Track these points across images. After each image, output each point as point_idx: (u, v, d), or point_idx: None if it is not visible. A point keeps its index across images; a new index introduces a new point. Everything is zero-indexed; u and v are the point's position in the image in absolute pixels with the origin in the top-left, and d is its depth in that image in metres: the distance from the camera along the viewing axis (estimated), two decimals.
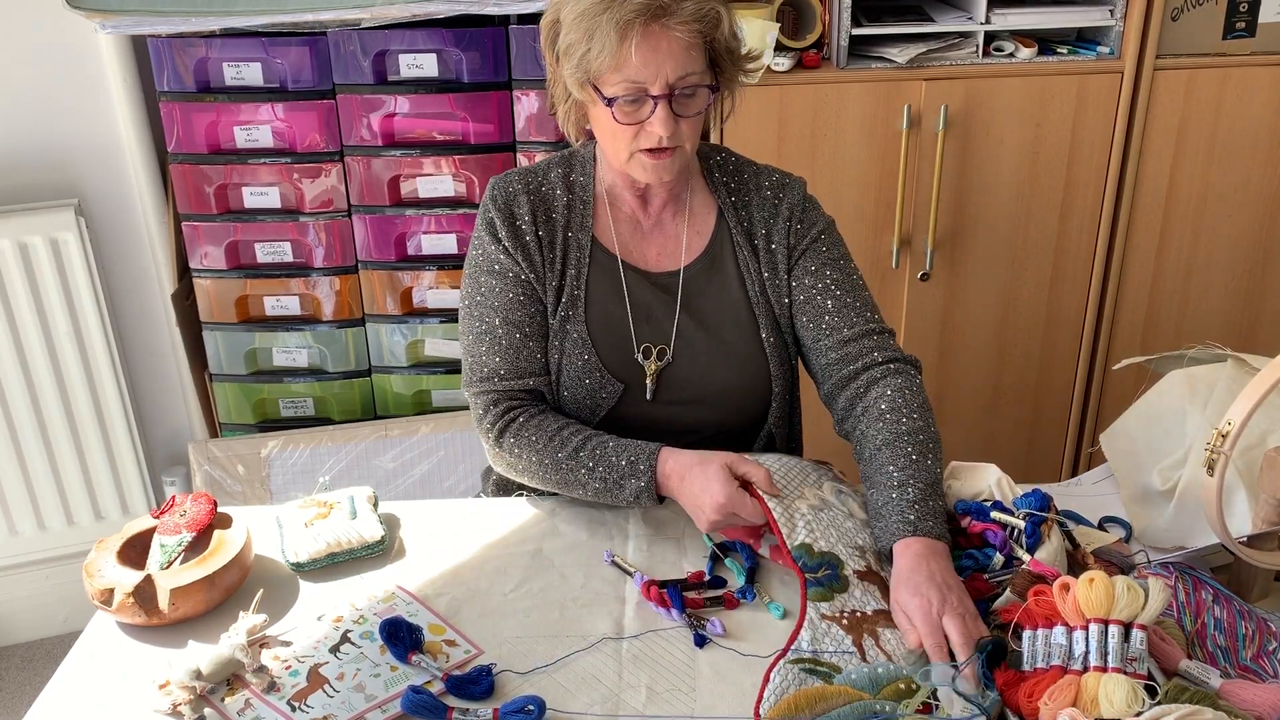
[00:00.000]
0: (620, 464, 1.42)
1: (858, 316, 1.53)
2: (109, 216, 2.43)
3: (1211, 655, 1.22)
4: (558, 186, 1.55)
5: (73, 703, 1.22)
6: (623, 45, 1.34)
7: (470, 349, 1.53)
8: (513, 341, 1.51)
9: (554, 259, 1.52)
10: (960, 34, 2.25)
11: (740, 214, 1.57)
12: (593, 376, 1.52)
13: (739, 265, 1.56)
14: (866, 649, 1.21)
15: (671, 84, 1.37)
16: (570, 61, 1.40)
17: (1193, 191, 2.37)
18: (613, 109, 1.39)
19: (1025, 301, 2.44)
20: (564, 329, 1.52)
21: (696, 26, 1.36)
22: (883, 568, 1.32)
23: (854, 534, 1.35)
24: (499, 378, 1.51)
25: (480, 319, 1.52)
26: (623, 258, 1.55)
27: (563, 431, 1.47)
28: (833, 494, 1.41)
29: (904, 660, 1.20)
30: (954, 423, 2.54)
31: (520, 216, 1.52)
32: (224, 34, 2.20)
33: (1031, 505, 1.34)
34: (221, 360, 2.44)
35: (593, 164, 1.57)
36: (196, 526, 1.39)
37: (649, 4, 1.34)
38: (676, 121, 1.40)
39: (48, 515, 2.48)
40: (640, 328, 1.54)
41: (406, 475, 2.44)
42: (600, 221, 1.55)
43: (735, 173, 1.59)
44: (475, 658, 1.27)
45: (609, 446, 1.44)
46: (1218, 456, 1.20)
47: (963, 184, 2.32)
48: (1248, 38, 2.27)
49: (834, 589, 1.28)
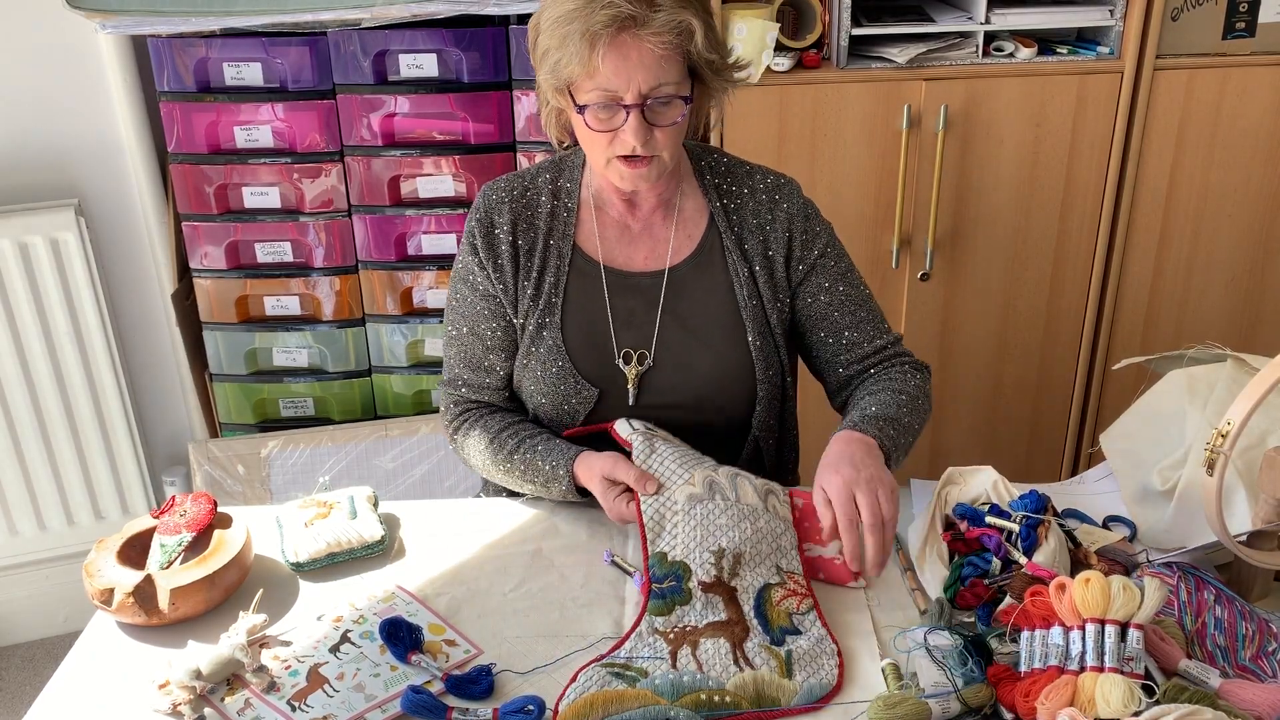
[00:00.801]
0: (545, 469, 1.48)
1: (873, 329, 1.58)
2: (109, 216, 2.43)
3: (1210, 655, 1.22)
4: (543, 193, 1.56)
5: (73, 703, 1.22)
6: (592, 54, 1.35)
7: (445, 350, 1.62)
8: (474, 352, 1.57)
9: (531, 268, 1.53)
10: (960, 34, 2.25)
11: (732, 217, 1.56)
12: (567, 383, 1.52)
13: (728, 269, 1.55)
14: (680, 656, 1.22)
15: (644, 93, 1.37)
16: (545, 66, 1.41)
17: (1193, 191, 2.37)
18: (584, 115, 1.40)
19: (1025, 301, 2.44)
20: (539, 335, 1.53)
21: (668, 38, 1.35)
22: (741, 568, 1.31)
23: (724, 531, 1.33)
24: (460, 382, 1.60)
25: (453, 324, 1.59)
26: (606, 263, 1.54)
27: (502, 434, 1.54)
28: (727, 476, 1.39)
29: (714, 671, 1.20)
30: (954, 423, 2.54)
31: (499, 225, 1.53)
32: (224, 34, 2.20)
33: (1028, 507, 1.34)
34: (221, 360, 2.45)
35: (580, 169, 1.57)
36: (196, 526, 1.40)
37: (616, 15, 1.33)
38: (651, 130, 1.40)
39: (48, 515, 2.48)
40: (621, 333, 1.54)
41: (406, 475, 2.44)
42: (584, 227, 1.55)
43: (727, 174, 1.59)
44: (475, 658, 1.27)
45: (538, 450, 1.50)
46: (1217, 456, 1.20)
47: (963, 184, 2.32)
48: (1248, 38, 2.27)
49: (675, 601, 1.28)
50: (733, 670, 1.21)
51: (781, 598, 1.30)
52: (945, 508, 1.42)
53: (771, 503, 1.39)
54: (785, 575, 1.33)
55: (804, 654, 1.23)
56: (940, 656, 1.17)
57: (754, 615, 1.27)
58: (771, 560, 1.33)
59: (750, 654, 1.23)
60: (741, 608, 1.28)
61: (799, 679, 1.20)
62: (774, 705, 1.18)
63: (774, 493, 1.41)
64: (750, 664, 1.21)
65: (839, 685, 1.21)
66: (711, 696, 1.17)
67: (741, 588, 1.30)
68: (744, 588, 1.30)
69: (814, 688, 1.19)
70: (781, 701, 1.18)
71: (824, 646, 1.25)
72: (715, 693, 1.18)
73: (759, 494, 1.38)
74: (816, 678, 1.21)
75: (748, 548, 1.33)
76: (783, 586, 1.31)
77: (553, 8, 1.39)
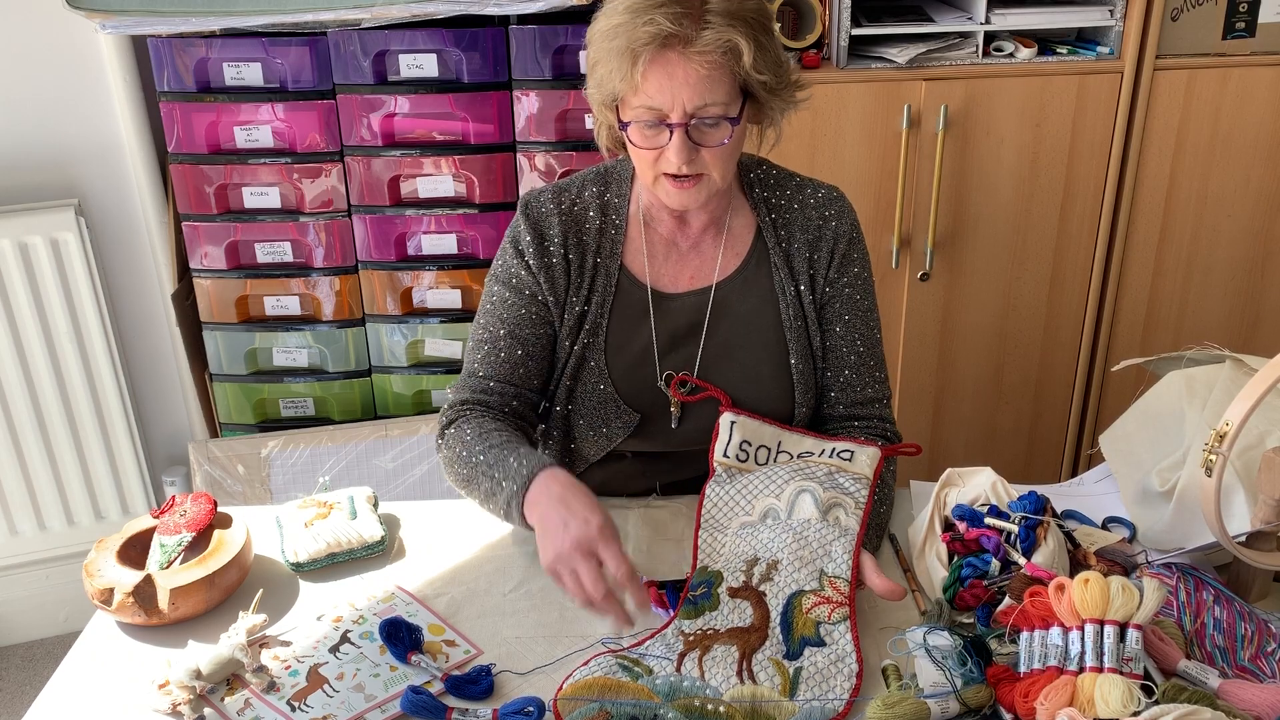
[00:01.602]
0: (494, 475, 1.35)
1: (870, 377, 1.55)
2: (109, 216, 2.43)
3: (1210, 655, 1.22)
4: (590, 207, 1.51)
5: (73, 703, 1.22)
6: (634, 70, 1.32)
7: (471, 353, 1.53)
8: (512, 355, 1.49)
9: (581, 284, 1.50)
10: (960, 34, 2.25)
11: (780, 233, 1.52)
12: (608, 407, 1.50)
13: (774, 286, 1.52)
14: (687, 660, 1.22)
15: (689, 112, 1.33)
16: (594, 79, 1.39)
17: (1193, 191, 2.37)
18: (627, 131, 1.38)
19: (1025, 301, 2.44)
20: (584, 357, 1.50)
21: (714, 57, 1.32)
22: (775, 573, 1.30)
23: (763, 543, 1.33)
24: (479, 386, 1.49)
25: (485, 327, 1.51)
26: (653, 285, 1.51)
27: (483, 436, 1.41)
28: (789, 497, 1.37)
29: (715, 680, 1.20)
30: (954, 423, 2.54)
31: (550, 239, 1.49)
32: (224, 34, 2.20)
33: (1027, 508, 1.34)
34: (221, 360, 2.45)
35: (629, 183, 1.53)
36: (196, 526, 1.40)
37: (659, 32, 1.30)
38: (697, 150, 1.36)
39: (48, 515, 2.48)
40: (665, 357, 1.51)
41: (406, 475, 2.44)
42: (632, 245, 1.52)
43: (776, 187, 1.54)
44: (475, 658, 1.27)
45: (505, 457, 1.36)
46: (1216, 457, 1.20)
47: (963, 184, 2.32)
48: (1248, 38, 2.27)
49: (705, 607, 1.28)
50: (733, 682, 1.20)
51: (813, 605, 1.27)
52: (944, 509, 1.42)
53: (835, 515, 1.36)
54: (827, 580, 1.29)
55: (817, 671, 1.21)
56: (940, 657, 1.17)
57: (779, 623, 1.25)
58: (815, 565, 1.30)
59: (756, 666, 1.21)
60: (769, 612, 1.27)
61: (801, 698, 1.18)
62: None
63: (841, 505, 1.37)
64: (753, 678, 1.20)
65: (845, 712, 1.18)
66: (705, 704, 1.17)
67: (771, 593, 1.28)
68: (774, 593, 1.28)
69: (814, 711, 1.17)
70: (777, 719, 1.17)
71: (843, 665, 1.22)
72: (711, 700, 1.17)
73: (820, 508, 1.36)
74: (822, 700, 1.18)
75: (786, 555, 1.31)
76: (818, 593, 1.28)
77: (603, 20, 1.36)
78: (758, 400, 1.51)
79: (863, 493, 1.39)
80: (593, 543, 1.21)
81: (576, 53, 2.24)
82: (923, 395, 2.50)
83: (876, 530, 1.42)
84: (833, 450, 1.46)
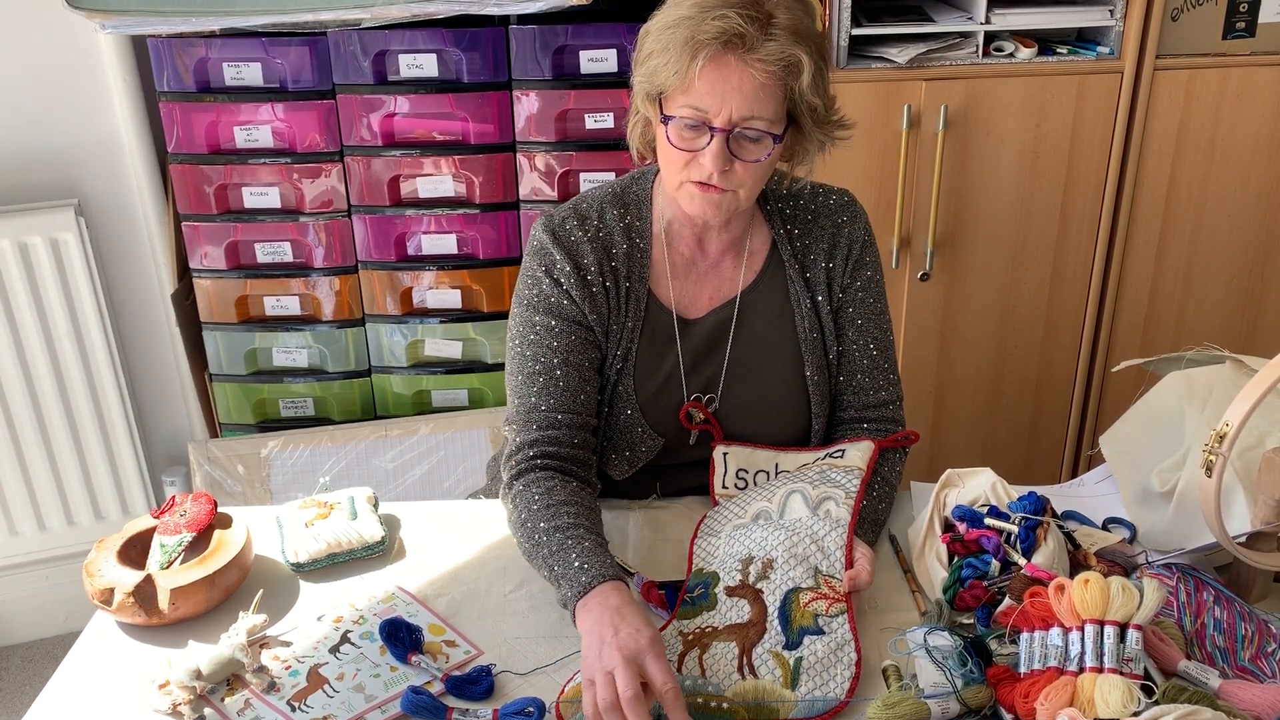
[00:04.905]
0: (558, 570, 1.29)
1: (883, 379, 1.55)
2: (109, 216, 2.43)
3: (1210, 656, 1.22)
4: (615, 231, 1.49)
5: (73, 703, 1.22)
6: (691, 64, 1.30)
7: (519, 389, 1.46)
8: (571, 384, 1.45)
9: (619, 310, 1.48)
10: (960, 34, 2.25)
11: (795, 245, 1.52)
12: (634, 431, 1.50)
13: (790, 298, 1.52)
14: (687, 660, 1.22)
15: (734, 120, 1.32)
16: (643, 71, 1.38)
17: (1193, 191, 2.37)
18: (668, 127, 1.36)
19: (1025, 301, 2.44)
20: (616, 383, 1.50)
21: (773, 69, 1.30)
22: (771, 571, 1.30)
23: (757, 543, 1.34)
24: (542, 413, 1.44)
25: (536, 359, 1.45)
26: (678, 311, 1.50)
27: (551, 509, 1.35)
28: (780, 499, 1.41)
29: (716, 677, 1.20)
30: (954, 423, 2.54)
31: (587, 268, 1.46)
32: (224, 34, 2.20)
33: (1027, 509, 1.34)
34: (221, 360, 2.45)
35: (649, 205, 1.51)
36: (196, 526, 1.40)
37: (726, 29, 1.28)
38: (732, 162, 1.34)
39: (48, 515, 2.48)
40: (691, 380, 1.51)
41: (406, 475, 2.44)
42: (657, 269, 1.50)
43: (790, 198, 1.53)
44: (475, 658, 1.27)
45: (569, 548, 1.30)
46: (1216, 457, 1.20)
47: (963, 184, 2.32)
48: (1248, 38, 2.27)
49: (701, 607, 1.29)
50: (735, 678, 1.20)
51: (810, 600, 1.27)
52: (944, 509, 1.42)
53: (825, 508, 1.38)
54: (822, 579, 1.30)
55: (817, 661, 1.21)
56: (940, 657, 1.17)
57: (776, 616, 1.26)
58: (810, 563, 1.31)
59: (757, 661, 1.22)
60: (766, 608, 1.27)
61: (803, 689, 1.19)
62: (772, 716, 1.17)
63: (832, 498, 1.39)
64: (754, 672, 1.21)
65: (846, 700, 1.18)
66: (709, 701, 1.17)
67: (769, 590, 1.29)
68: (771, 590, 1.29)
69: (817, 701, 1.18)
70: (780, 712, 1.17)
71: (842, 654, 1.22)
72: (714, 698, 1.18)
73: (810, 505, 1.38)
74: (824, 690, 1.19)
75: (780, 553, 1.32)
76: (815, 590, 1.28)
77: (667, 13, 1.35)
78: (775, 413, 1.52)
79: (854, 483, 1.41)
80: (641, 653, 1.14)
81: (577, 53, 2.24)
82: (923, 395, 2.50)
83: (873, 524, 1.42)
84: (826, 454, 1.48)
